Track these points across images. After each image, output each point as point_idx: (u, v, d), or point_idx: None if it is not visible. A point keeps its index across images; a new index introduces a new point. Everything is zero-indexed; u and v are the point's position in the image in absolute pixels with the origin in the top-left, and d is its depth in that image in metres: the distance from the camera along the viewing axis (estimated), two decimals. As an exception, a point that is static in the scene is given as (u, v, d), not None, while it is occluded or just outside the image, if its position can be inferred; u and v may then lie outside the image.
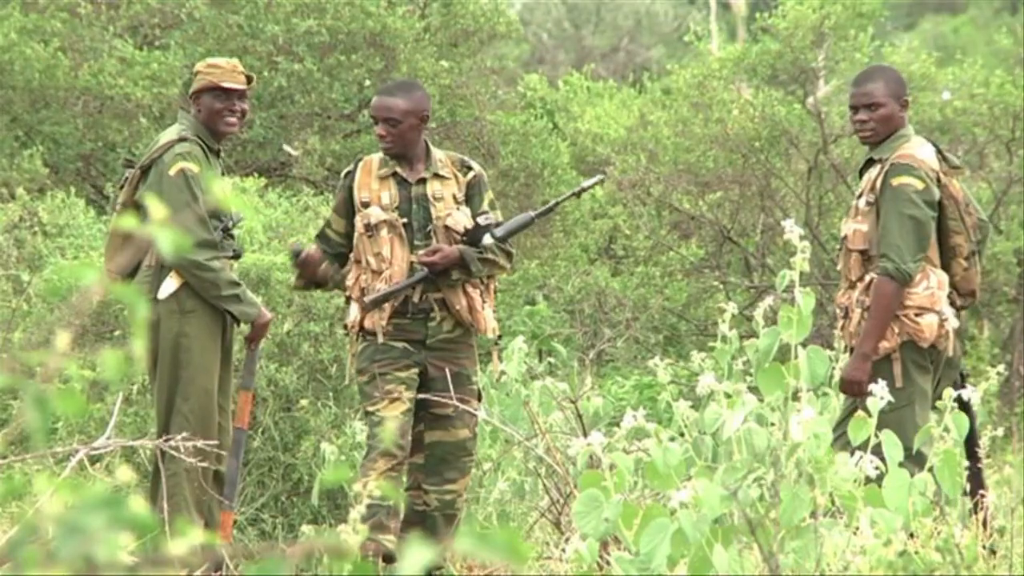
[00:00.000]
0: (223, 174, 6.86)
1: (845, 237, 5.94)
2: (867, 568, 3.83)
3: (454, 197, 6.23)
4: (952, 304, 5.87)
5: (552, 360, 10.11)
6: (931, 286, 5.81)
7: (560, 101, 17.54)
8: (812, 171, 12.51)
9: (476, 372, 6.33)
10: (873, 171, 5.90)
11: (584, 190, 6.71)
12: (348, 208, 6.22)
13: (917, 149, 5.87)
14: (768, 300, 5.72)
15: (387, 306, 6.12)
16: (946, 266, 5.89)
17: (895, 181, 5.80)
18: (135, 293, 2.09)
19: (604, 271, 13.48)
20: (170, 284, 6.12)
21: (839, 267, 6.00)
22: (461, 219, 6.20)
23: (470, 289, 6.21)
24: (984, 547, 4.58)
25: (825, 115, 12.50)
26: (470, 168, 6.32)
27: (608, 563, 4.10)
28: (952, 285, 5.89)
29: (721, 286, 12.92)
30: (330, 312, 7.89)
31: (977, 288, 5.97)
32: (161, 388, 6.15)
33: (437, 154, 6.27)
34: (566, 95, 17.71)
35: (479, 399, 6.34)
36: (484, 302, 6.25)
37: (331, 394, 7.75)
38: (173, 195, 6.10)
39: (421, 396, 6.12)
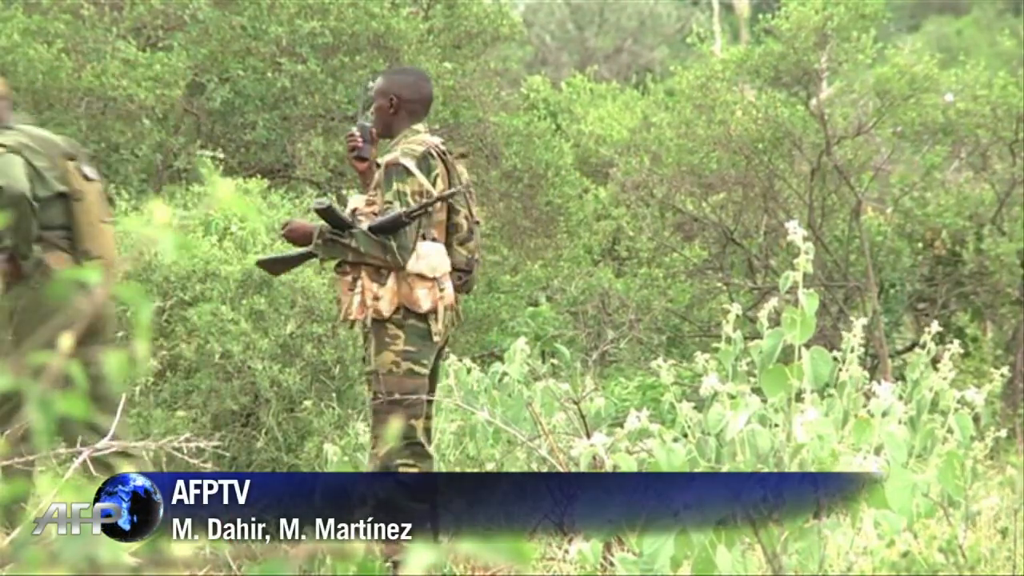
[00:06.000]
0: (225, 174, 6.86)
1: None
2: (870, 569, 3.83)
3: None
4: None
5: (555, 361, 10.10)
6: None
7: (563, 103, 17.56)
8: (815, 172, 12.50)
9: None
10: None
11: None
12: None
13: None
14: (773, 301, 5.74)
15: None
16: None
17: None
18: (138, 294, 2.08)
19: (608, 272, 13.47)
20: None
21: None
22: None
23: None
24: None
25: (828, 116, 12.49)
26: None
27: (612, 564, 4.10)
28: None
29: (724, 287, 12.91)
30: (332, 314, 7.88)
31: None
32: None
33: None
34: (569, 96, 17.72)
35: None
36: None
37: (334, 395, 7.75)
38: None
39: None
